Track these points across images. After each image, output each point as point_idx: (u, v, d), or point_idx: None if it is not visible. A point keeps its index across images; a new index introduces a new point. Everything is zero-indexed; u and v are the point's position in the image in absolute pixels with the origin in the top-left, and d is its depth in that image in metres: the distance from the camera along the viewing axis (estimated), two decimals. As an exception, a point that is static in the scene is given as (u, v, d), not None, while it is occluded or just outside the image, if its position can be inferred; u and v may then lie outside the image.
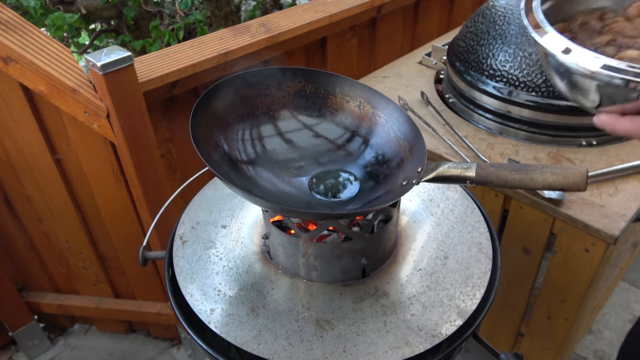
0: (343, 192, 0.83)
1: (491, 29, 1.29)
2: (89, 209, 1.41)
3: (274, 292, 0.81)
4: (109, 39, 3.35)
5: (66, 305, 1.66)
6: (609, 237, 1.00)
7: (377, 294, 0.81)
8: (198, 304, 0.79)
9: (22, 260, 1.57)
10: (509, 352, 0.78)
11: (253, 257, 0.88)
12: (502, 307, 1.35)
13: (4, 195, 1.40)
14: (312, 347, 0.72)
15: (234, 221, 0.96)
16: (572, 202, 1.06)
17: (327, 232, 0.86)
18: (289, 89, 0.90)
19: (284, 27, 1.38)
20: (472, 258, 0.86)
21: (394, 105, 0.87)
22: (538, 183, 0.69)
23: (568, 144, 1.24)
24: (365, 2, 1.57)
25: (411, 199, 1.00)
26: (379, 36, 1.78)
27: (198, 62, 1.20)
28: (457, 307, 0.78)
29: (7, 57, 1.05)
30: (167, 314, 1.61)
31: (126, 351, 1.76)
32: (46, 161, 1.29)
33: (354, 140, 0.89)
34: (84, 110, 1.10)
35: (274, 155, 0.86)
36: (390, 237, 0.85)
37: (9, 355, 1.75)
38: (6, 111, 1.19)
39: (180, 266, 0.87)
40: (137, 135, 1.14)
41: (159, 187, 1.26)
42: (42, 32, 1.12)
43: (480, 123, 1.33)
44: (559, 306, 1.19)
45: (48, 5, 2.64)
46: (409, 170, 0.78)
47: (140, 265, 1.09)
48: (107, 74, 1.01)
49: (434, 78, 1.58)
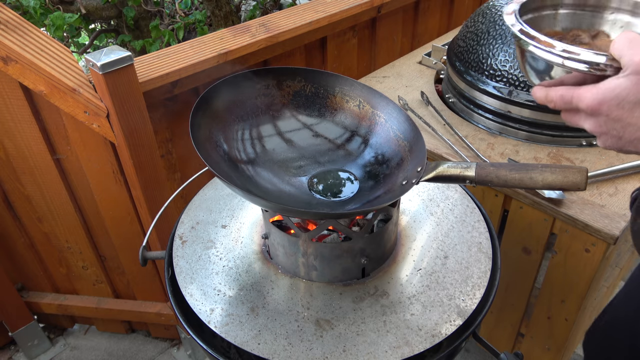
0: (343, 191, 0.83)
1: (491, 29, 1.29)
2: (88, 209, 1.41)
3: (274, 292, 0.81)
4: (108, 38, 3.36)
5: (66, 305, 1.65)
6: (609, 237, 1.00)
7: (377, 293, 0.81)
8: (198, 304, 0.79)
9: (22, 260, 1.57)
10: (509, 352, 0.78)
11: (253, 257, 0.88)
12: (502, 307, 1.35)
13: (4, 195, 1.40)
14: (312, 346, 0.72)
15: (233, 221, 0.96)
16: (572, 202, 1.06)
17: (327, 232, 0.86)
18: (289, 89, 0.90)
19: (284, 27, 1.38)
20: (472, 258, 0.86)
21: (393, 105, 0.87)
22: (538, 182, 0.69)
23: (568, 144, 1.24)
24: (365, 2, 1.57)
25: (411, 198, 1.00)
26: (379, 36, 1.78)
27: (198, 62, 1.20)
28: (457, 306, 0.78)
29: (7, 57, 1.05)
30: (167, 314, 1.61)
31: (126, 351, 1.76)
32: (46, 161, 1.29)
33: (353, 139, 0.89)
34: (84, 110, 1.10)
35: (273, 155, 0.86)
36: (390, 237, 0.85)
37: (8, 355, 1.75)
38: (6, 111, 1.19)
39: (180, 266, 0.87)
40: (137, 135, 1.14)
41: (159, 187, 1.26)
42: (42, 32, 1.12)
43: (480, 123, 1.33)
44: (559, 306, 1.19)
45: (48, 5, 2.64)
46: (408, 170, 0.78)
47: (140, 265, 1.09)
48: (107, 74, 1.01)
49: (434, 78, 1.58)
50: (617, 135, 0.52)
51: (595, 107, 0.52)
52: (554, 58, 0.56)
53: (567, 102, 0.55)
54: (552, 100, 0.57)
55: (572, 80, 0.57)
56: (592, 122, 0.54)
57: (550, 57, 0.57)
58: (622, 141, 0.53)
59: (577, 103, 0.54)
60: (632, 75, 0.49)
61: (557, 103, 0.56)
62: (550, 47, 0.56)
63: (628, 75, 0.50)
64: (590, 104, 0.52)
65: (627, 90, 0.49)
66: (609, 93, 0.51)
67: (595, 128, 0.54)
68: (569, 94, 0.55)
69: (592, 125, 0.54)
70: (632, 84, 0.49)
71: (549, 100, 0.57)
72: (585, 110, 0.53)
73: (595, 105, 0.52)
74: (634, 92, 0.49)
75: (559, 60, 0.56)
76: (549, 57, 0.57)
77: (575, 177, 0.67)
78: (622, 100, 0.50)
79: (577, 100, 0.54)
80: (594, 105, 0.52)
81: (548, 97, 0.57)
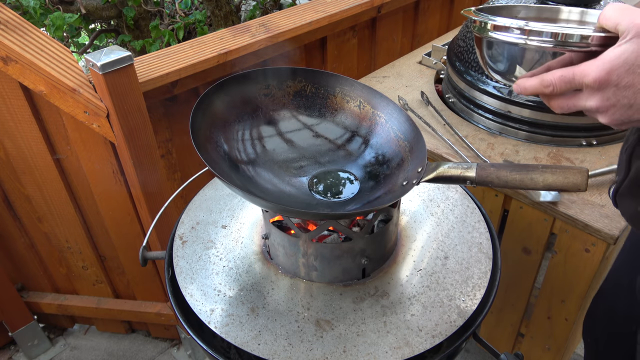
0: (343, 192, 0.82)
1: (491, 29, 1.29)
2: (88, 209, 1.41)
3: (274, 292, 0.81)
4: (108, 38, 3.35)
5: (66, 305, 1.65)
6: (609, 237, 1.00)
7: (377, 294, 0.81)
8: (198, 304, 0.79)
9: (22, 260, 1.57)
10: (509, 352, 0.78)
11: (253, 257, 0.88)
12: (502, 307, 1.35)
13: (4, 195, 1.40)
14: (312, 347, 0.72)
15: (234, 221, 0.96)
16: (572, 202, 1.06)
17: (327, 232, 0.86)
18: (289, 89, 0.90)
19: (284, 27, 1.38)
20: (472, 258, 0.86)
21: (394, 105, 0.87)
22: (538, 183, 0.69)
23: (568, 144, 1.24)
24: (365, 2, 1.57)
25: (411, 199, 1.00)
26: (379, 36, 1.78)
27: (198, 62, 1.20)
28: (457, 307, 0.78)
29: (7, 57, 1.05)
30: (167, 314, 1.61)
31: (126, 351, 1.76)
32: (46, 161, 1.29)
33: (354, 140, 0.89)
34: (83, 110, 1.10)
35: (274, 155, 0.86)
36: (390, 237, 0.85)
37: (8, 355, 1.75)
38: (6, 111, 1.19)
39: (180, 266, 0.87)
40: (137, 135, 1.13)
41: (159, 187, 1.26)
42: (42, 32, 1.12)
43: (480, 123, 1.33)
44: (559, 306, 1.19)
45: (48, 5, 2.64)
46: (409, 170, 0.78)
47: (140, 266, 1.09)
48: (107, 74, 1.01)
49: (434, 78, 1.58)
50: (627, 103, 0.50)
51: (603, 78, 0.49)
52: (544, 42, 0.54)
53: (569, 81, 0.52)
54: (550, 84, 0.54)
55: (559, 64, 0.55)
56: (598, 97, 0.51)
57: (539, 43, 0.54)
58: (632, 109, 0.50)
59: (580, 79, 0.51)
60: (636, 38, 0.48)
61: (557, 85, 0.53)
62: (538, 34, 0.54)
63: (632, 39, 0.48)
64: (597, 75, 0.50)
65: (635, 53, 0.48)
66: (616, 60, 0.49)
67: (602, 102, 0.51)
68: (569, 72, 0.52)
69: (598, 100, 0.51)
70: (638, 46, 0.48)
71: (546, 85, 0.54)
72: (591, 84, 0.51)
73: (603, 76, 0.49)
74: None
75: (549, 44, 0.54)
76: (538, 43, 0.54)
77: (576, 178, 0.67)
78: (632, 64, 0.48)
79: (581, 76, 0.51)
80: (601, 76, 0.49)
81: (544, 81, 0.54)
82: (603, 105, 0.52)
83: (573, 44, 0.54)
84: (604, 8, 0.52)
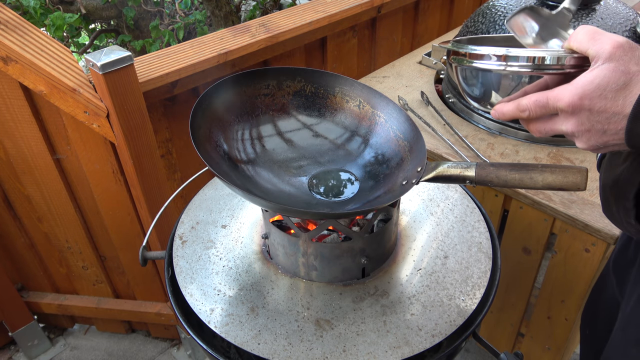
0: (343, 191, 0.82)
1: (491, 29, 1.29)
2: (88, 209, 1.41)
3: (274, 292, 0.81)
4: (109, 38, 3.36)
5: (66, 305, 1.65)
6: (609, 237, 1.00)
7: (377, 293, 0.81)
8: (198, 303, 0.79)
9: (21, 260, 1.57)
10: (509, 352, 0.78)
11: (253, 257, 0.88)
12: (502, 307, 1.35)
13: (4, 195, 1.40)
14: (312, 346, 0.72)
15: (233, 221, 0.96)
16: (572, 202, 1.06)
17: (327, 232, 0.86)
18: (289, 89, 0.90)
19: (284, 27, 1.38)
20: (472, 258, 0.86)
21: (393, 105, 0.87)
22: (538, 182, 0.69)
23: (568, 144, 1.24)
24: (365, 2, 1.57)
25: (411, 198, 1.00)
26: (379, 36, 1.78)
27: (198, 62, 1.20)
28: (457, 306, 0.78)
29: (7, 57, 1.05)
30: (167, 314, 1.61)
31: (126, 351, 1.76)
32: (46, 161, 1.29)
33: (353, 139, 0.89)
34: (83, 110, 1.10)
35: (273, 155, 0.86)
36: (390, 237, 0.85)
37: (8, 355, 1.75)
38: (6, 111, 1.19)
39: (180, 266, 0.87)
40: (137, 135, 1.14)
41: (159, 187, 1.26)
42: (42, 32, 1.12)
43: (480, 123, 1.33)
44: (559, 306, 1.19)
45: (48, 5, 2.64)
46: (408, 170, 0.78)
47: (140, 265, 1.09)
48: (107, 74, 1.01)
49: (434, 78, 1.58)
50: (601, 129, 0.50)
51: (576, 102, 0.50)
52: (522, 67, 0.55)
53: (543, 106, 0.53)
54: (525, 109, 0.55)
55: (535, 88, 0.56)
56: (573, 121, 0.52)
57: (518, 68, 0.55)
58: (606, 135, 0.51)
59: (554, 104, 0.52)
60: (607, 63, 0.49)
61: (533, 109, 0.54)
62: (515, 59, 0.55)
63: (603, 65, 0.49)
64: (570, 100, 0.50)
65: (606, 79, 0.48)
66: (588, 85, 0.49)
67: (577, 127, 0.52)
68: (543, 97, 0.53)
69: (573, 125, 0.52)
70: (610, 72, 0.48)
71: (522, 110, 0.55)
72: (565, 109, 0.51)
73: (576, 101, 0.50)
74: (614, 79, 0.48)
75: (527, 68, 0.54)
76: (515, 68, 0.55)
77: (576, 177, 0.67)
78: (603, 89, 0.49)
79: (554, 100, 0.52)
80: (574, 100, 0.50)
81: (520, 106, 0.55)
82: (578, 130, 0.52)
83: (549, 67, 0.54)
84: (575, 31, 0.52)
